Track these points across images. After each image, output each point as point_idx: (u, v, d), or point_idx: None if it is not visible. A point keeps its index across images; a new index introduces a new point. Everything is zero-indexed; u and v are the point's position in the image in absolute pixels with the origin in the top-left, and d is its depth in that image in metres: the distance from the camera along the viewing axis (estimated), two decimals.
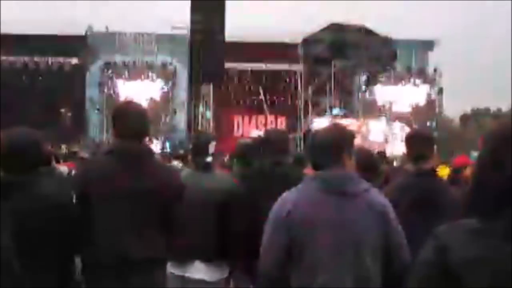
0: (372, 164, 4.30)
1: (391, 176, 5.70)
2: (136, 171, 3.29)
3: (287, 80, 30.86)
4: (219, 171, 4.85)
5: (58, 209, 3.11)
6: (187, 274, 4.40)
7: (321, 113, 29.55)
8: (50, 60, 28.83)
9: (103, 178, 3.29)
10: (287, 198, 2.91)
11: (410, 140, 4.13)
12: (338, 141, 3.02)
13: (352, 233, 2.81)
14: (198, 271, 4.39)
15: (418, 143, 3.98)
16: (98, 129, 28.38)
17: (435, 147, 4.28)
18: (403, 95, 29.48)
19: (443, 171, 6.48)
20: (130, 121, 3.37)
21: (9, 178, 3.11)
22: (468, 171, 5.91)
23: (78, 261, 3.33)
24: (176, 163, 8.72)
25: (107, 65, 29.36)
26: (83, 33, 29.51)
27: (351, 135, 3.15)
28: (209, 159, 4.51)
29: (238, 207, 4.29)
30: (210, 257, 4.38)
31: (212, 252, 4.37)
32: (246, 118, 33.48)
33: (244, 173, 4.97)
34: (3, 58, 28.21)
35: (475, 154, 21.65)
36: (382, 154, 7.78)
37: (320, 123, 27.72)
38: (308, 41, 28.68)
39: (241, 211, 4.25)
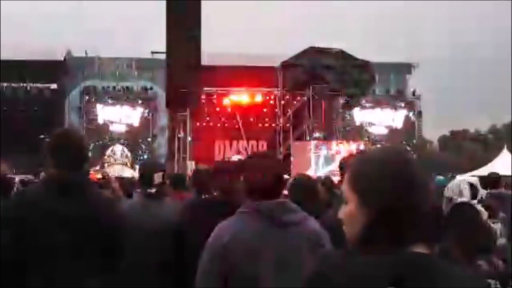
0: (311, 192, 4.33)
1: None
2: (72, 201, 3.20)
3: (267, 104, 30.95)
4: (169, 200, 4.83)
5: None
6: None
7: (300, 137, 29.62)
8: (28, 86, 28.60)
9: (39, 209, 3.17)
10: (224, 228, 2.87)
11: (343, 165, 4.12)
12: (278, 171, 3.03)
13: (288, 267, 2.78)
14: None
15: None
16: None
17: None
18: (381, 118, 29.71)
19: None
20: (67, 150, 3.28)
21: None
22: None
23: None
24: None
25: (87, 90, 29.24)
26: (62, 58, 29.39)
27: (282, 164, 3.18)
28: (152, 189, 4.47)
29: (181, 237, 4.27)
30: (156, 285, 4.33)
31: (159, 280, 4.32)
32: (227, 143, 33.41)
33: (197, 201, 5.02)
34: None
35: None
36: (328, 181, 7.75)
37: (299, 147, 27.87)
38: (287, 65, 28.78)
39: (183, 241, 4.23)
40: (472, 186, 3.65)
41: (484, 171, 29.05)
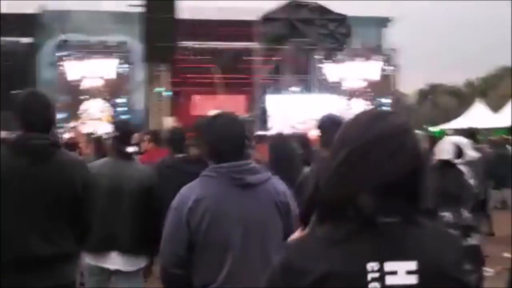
0: (287, 152, 4.35)
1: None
2: (40, 165, 3.17)
3: (245, 58, 30.78)
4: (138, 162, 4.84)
5: None
6: (104, 265, 4.35)
7: (279, 91, 29.60)
8: (2, 40, 28.02)
9: (4, 172, 3.12)
10: (189, 191, 2.82)
11: (321, 125, 4.07)
12: (240, 132, 2.97)
13: (256, 227, 2.77)
14: (115, 262, 4.31)
15: (329, 128, 3.89)
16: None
17: None
18: (357, 72, 29.79)
19: None
20: (35, 113, 3.23)
21: None
22: None
23: None
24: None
25: (62, 44, 28.75)
26: (37, 12, 28.81)
27: (244, 124, 3.14)
28: (130, 149, 4.47)
29: (153, 197, 4.29)
30: (126, 247, 4.33)
31: (128, 242, 4.32)
32: (205, 98, 33.27)
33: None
34: None
35: (430, 129, 22.03)
36: (304, 139, 7.78)
37: (274, 100, 27.87)
38: (265, 19, 28.52)
39: (156, 201, 4.24)
40: (457, 146, 3.75)
41: (456, 123, 29.50)
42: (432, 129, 30.58)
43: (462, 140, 3.94)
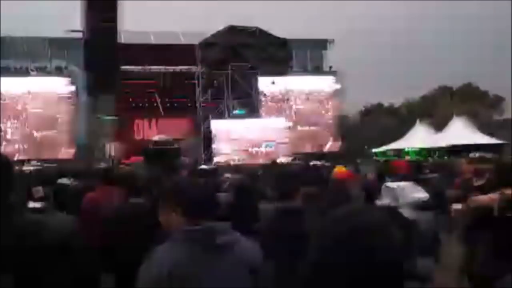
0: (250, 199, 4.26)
1: None
2: None
3: (186, 82, 30.75)
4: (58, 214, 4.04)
5: None
6: None
7: (221, 115, 29.74)
8: None
9: None
10: (163, 254, 2.66)
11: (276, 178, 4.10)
12: (212, 192, 2.88)
13: None
14: None
15: (284, 181, 3.91)
16: None
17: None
18: (300, 93, 30.34)
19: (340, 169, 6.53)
20: None
21: None
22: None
23: None
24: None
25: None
26: None
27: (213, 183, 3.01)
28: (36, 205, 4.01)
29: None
30: None
31: None
32: (146, 122, 33.01)
33: None
34: None
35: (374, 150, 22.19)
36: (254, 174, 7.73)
37: (219, 124, 27.98)
38: (205, 44, 28.69)
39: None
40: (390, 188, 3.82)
41: (398, 144, 30.20)
42: (375, 150, 31.25)
43: (404, 185, 4.02)
